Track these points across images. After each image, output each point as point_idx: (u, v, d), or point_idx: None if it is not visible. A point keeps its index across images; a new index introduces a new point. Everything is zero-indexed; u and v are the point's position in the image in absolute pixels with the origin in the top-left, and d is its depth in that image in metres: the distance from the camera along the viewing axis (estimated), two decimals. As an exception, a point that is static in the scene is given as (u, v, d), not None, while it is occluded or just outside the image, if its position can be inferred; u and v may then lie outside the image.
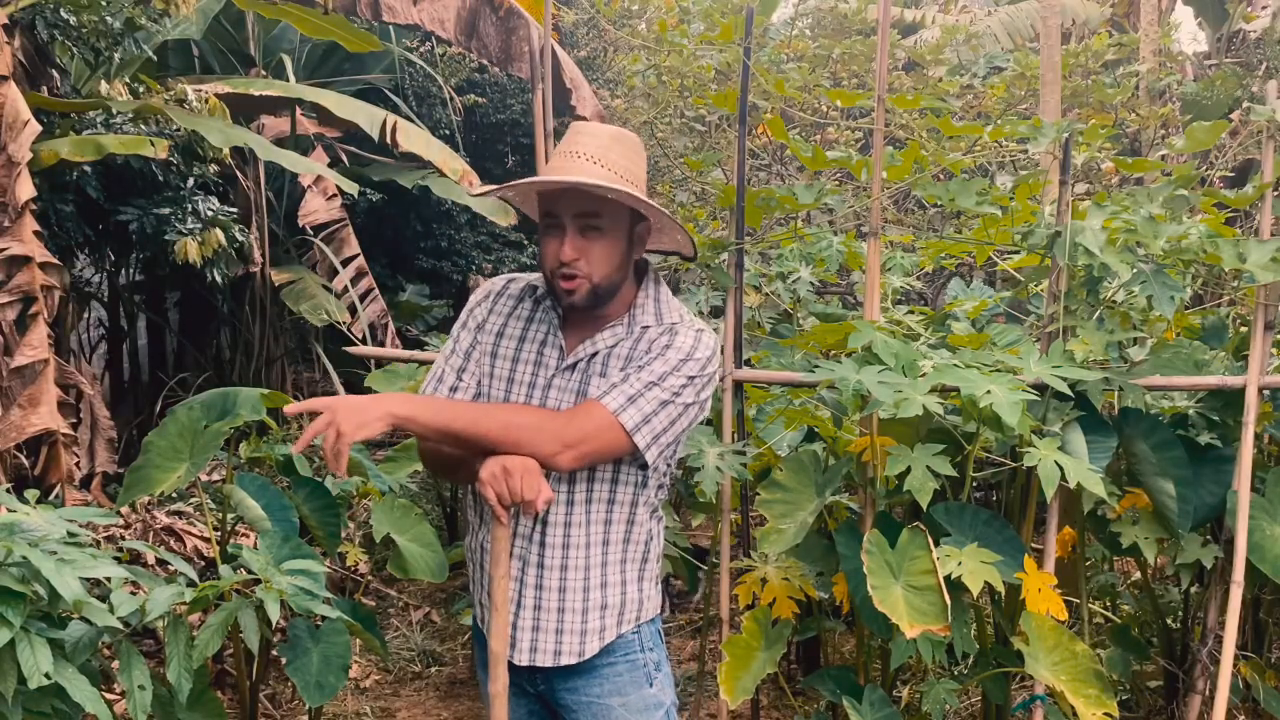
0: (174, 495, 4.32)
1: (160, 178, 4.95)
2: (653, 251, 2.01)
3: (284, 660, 2.92)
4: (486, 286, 1.96)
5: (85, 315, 6.51)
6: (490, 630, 1.75)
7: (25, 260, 3.82)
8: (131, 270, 6.36)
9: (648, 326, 1.84)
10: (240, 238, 5.30)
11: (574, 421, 1.71)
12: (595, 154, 1.77)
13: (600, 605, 1.82)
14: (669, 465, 1.87)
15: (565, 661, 1.82)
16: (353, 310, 6.29)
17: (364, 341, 6.03)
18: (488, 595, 1.81)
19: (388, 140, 5.65)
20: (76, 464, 4.21)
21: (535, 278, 1.93)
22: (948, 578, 2.44)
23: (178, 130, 4.84)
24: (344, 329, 6.07)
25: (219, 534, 3.27)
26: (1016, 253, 3.33)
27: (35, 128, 3.87)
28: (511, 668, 1.81)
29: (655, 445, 1.76)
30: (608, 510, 1.81)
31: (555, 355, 1.83)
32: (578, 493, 1.79)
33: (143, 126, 4.76)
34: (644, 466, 1.79)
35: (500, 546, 1.70)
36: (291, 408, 1.69)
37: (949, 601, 2.41)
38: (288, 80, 6.34)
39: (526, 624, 1.81)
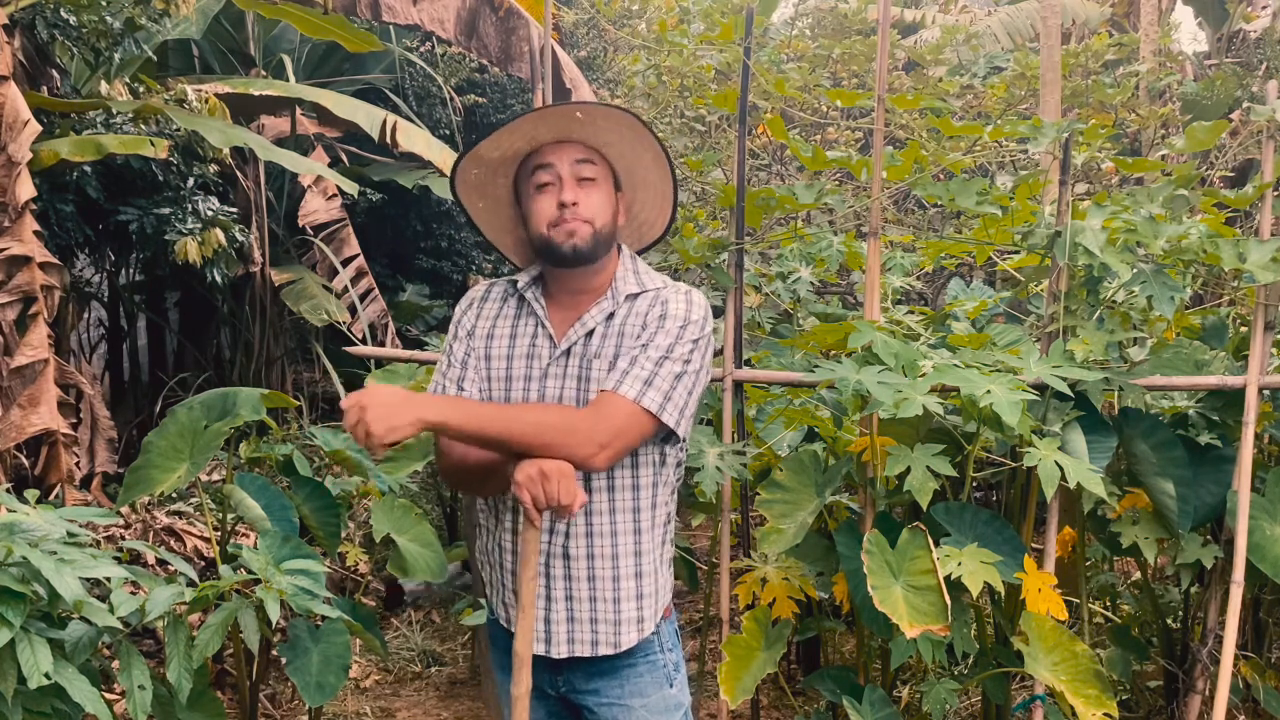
0: (174, 495, 4.32)
1: (160, 178, 4.95)
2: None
3: (284, 660, 2.92)
4: (468, 296, 1.97)
5: (85, 315, 6.52)
6: (516, 630, 1.74)
7: (25, 260, 3.83)
8: (131, 270, 6.36)
9: (633, 295, 1.84)
10: (240, 238, 5.31)
11: (601, 419, 1.70)
12: (580, 109, 1.80)
13: (636, 595, 1.82)
14: (684, 439, 1.87)
15: (603, 651, 1.81)
16: (353, 310, 6.29)
17: (364, 341, 6.04)
18: (513, 595, 1.81)
19: (388, 140, 5.66)
20: (76, 464, 4.21)
21: (514, 278, 1.94)
22: (948, 578, 2.44)
23: (178, 130, 4.84)
24: (344, 329, 6.08)
25: (219, 534, 3.27)
26: (1016, 253, 3.33)
27: (35, 128, 3.88)
28: (538, 665, 1.80)
29: (682, 419, 1.77)
30: (634, 496, 1.81)
31: (547, 344, 1.84)
32: (596, 479, 1.79)
33: (143, 126, 4.76)
34: (669, 439, 1.80)
35: (531, 549, 1.70)
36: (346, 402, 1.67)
37: (949, 601, 2.41)
38: (288, 80, 6.35)
39: (560, 616, 1.81)
